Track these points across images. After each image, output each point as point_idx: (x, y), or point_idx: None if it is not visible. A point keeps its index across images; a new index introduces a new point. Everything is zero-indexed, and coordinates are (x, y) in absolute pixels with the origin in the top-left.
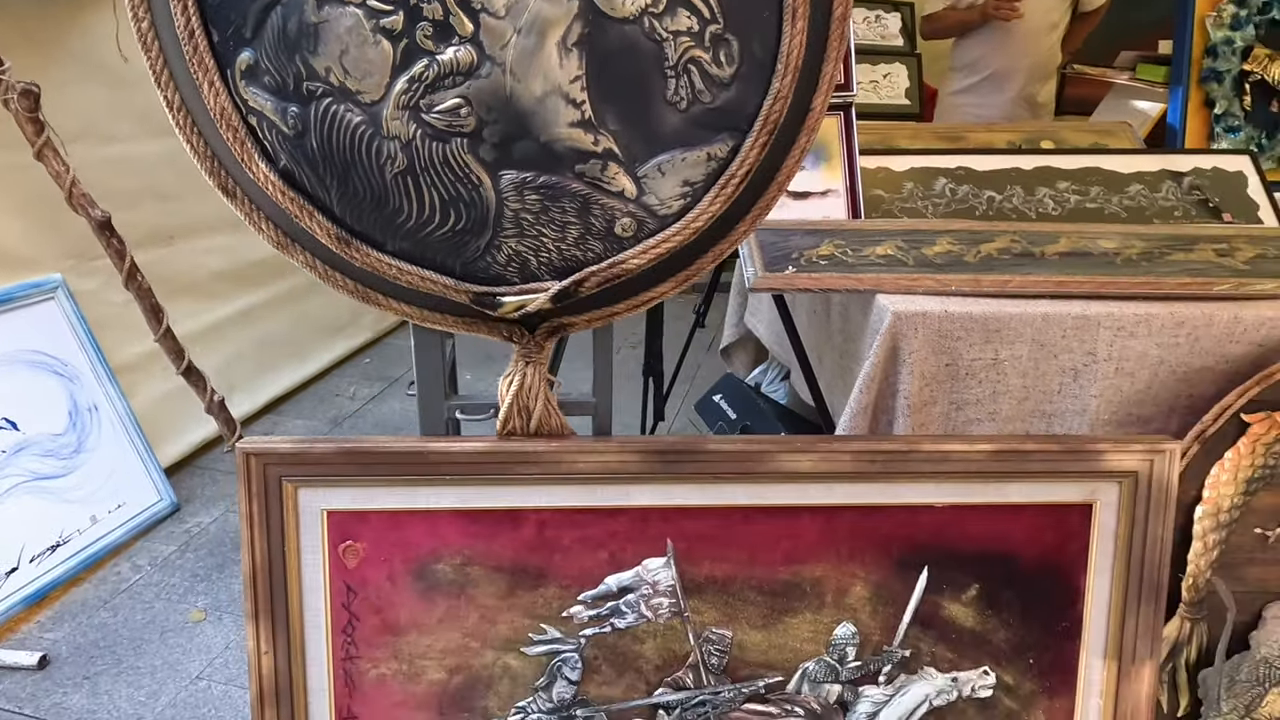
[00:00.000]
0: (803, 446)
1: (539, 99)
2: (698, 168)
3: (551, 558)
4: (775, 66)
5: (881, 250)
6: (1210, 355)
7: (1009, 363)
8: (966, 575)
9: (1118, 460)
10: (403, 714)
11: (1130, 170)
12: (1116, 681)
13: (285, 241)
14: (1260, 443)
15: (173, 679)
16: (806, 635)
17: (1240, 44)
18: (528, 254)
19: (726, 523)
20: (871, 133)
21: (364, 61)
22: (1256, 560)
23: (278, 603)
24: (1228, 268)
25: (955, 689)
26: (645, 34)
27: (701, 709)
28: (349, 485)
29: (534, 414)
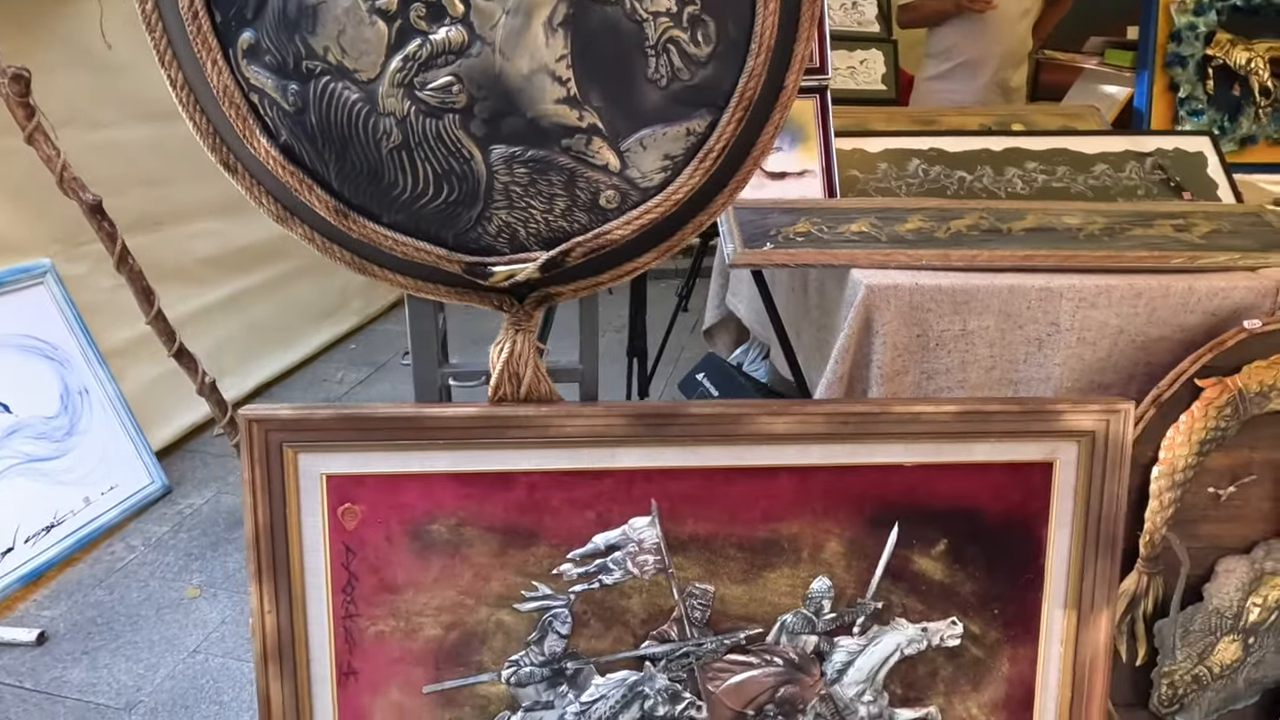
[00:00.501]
0: (779, 409)
1: (526, 76)
2: (678, 142)
3: (541, 518)
4: (750, 46)
5: (856, 227)
6: (1167, 325)
7: (977, 333)
8: (935, 531)
9: (1075, 421)
10: (401, 669)
11: (1095, 151)
12: (1076, 629)
13: (285, 215)
14: (1212, 406)
15: (170, 653)
16: (784, 589)
17: (1203, 29)
18: (517, 225)
19: (708, 483)
20: (848, 116)
21: (360, 41)
22: (1209, 517)
23: (280, 564)
24: (1184, 242)
25: (925, 638)
26: (626, 14)
27: (685, 660)
28: (347, 450)
29: (524, 380)
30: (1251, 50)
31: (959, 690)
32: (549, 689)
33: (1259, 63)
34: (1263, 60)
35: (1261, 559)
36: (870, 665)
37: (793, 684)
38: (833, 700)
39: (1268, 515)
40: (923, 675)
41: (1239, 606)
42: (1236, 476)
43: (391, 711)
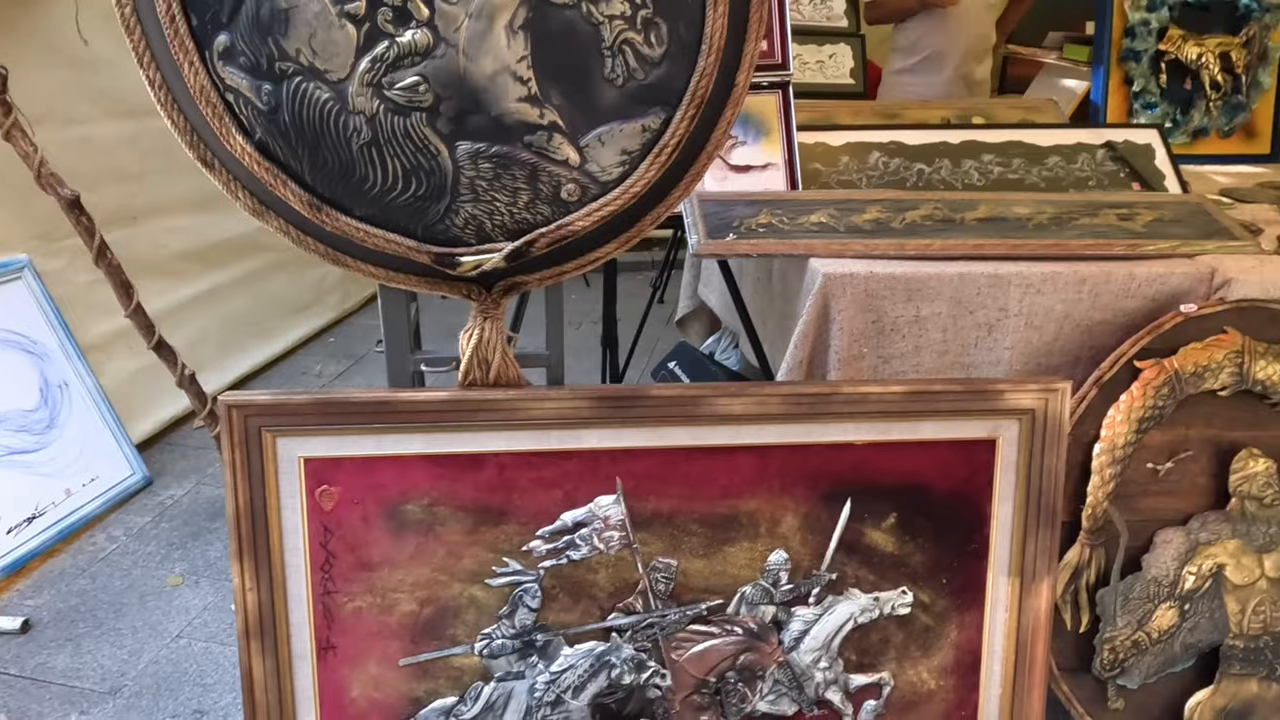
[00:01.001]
0: (736, 391)
1: (490, 77)
2: (634, 138)
3: (511, 497)
4: (700, 47)
5: (815, 218)
6: (1109, 309)
7: (930, 319)
8: (885, 505)
9: (1016, 399)
10: (378, 643)
11: (1049, 144)
12: (1019, 597)
13: (261, 209)
14: (1150, 386)
15: (154, 638)
16: (744, 562)
17: (1156, 25)
18: (483, 217)
19: (670, 462)
20: (814, 110)
21: (330, 43)
22: (1149, 492)
23: (260, 543)
24: (1127, 230)
25: (877, 607)
26: (583, 18)
27: (650, 631)
28: (324, 434)
29: (492, 365)
30: (1202, 45)
31: (910, 656)
32: (520, 660)
33: (1209, 57)
34: (1213, 55)
35: (1197, 530)
36: (825, 633)
37: (752, 652)
38: (790, 667)
39: (1203, 490)
40: (876, 642)
41: (1175, 575)
42: (1174, 453)
43: (369, 684)
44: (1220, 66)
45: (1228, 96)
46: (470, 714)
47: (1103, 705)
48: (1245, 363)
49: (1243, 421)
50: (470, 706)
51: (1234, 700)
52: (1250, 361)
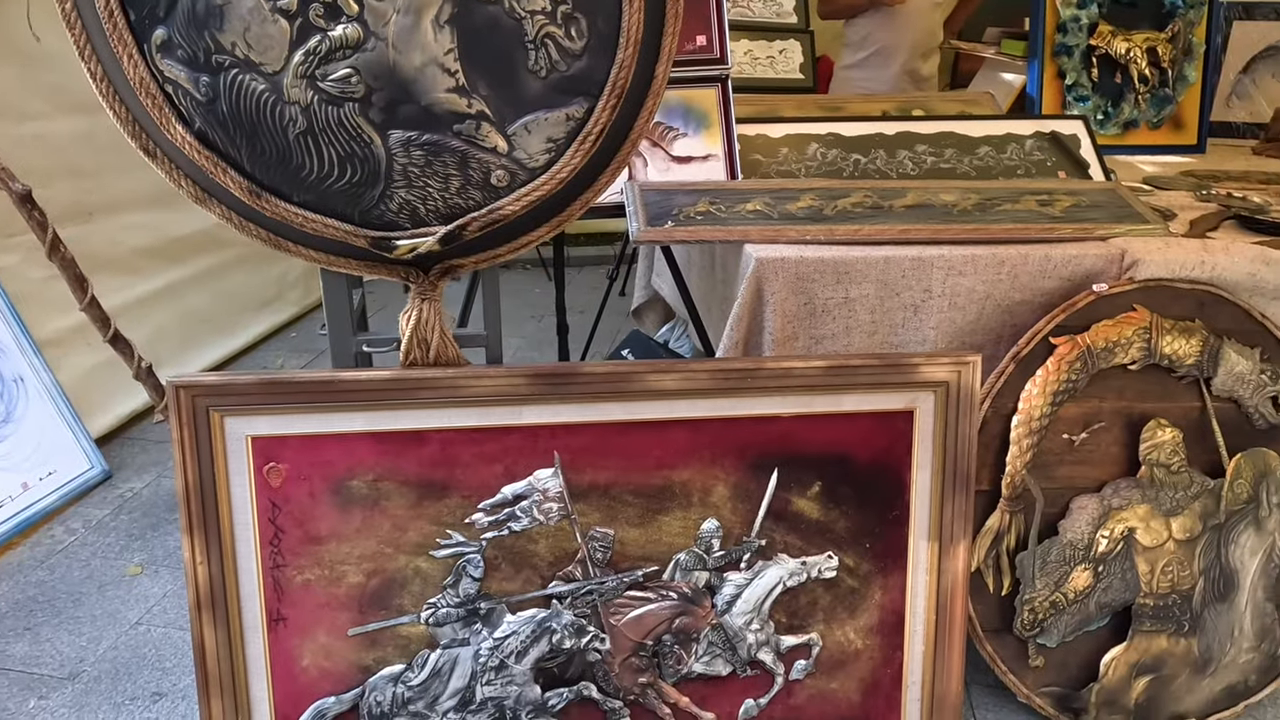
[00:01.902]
0: (666, 367)
1: (419, 69)
2: (559, 126)
3: (453, 472)
4: (619, 40)
5: (751, 206)
6: (1027, 289)
7: (858, 301)
8: (810, 474)
9: (931, 372)
10: (327, 614)
11: (980, 134)
12: (939, 559)
13: (203, 196)
14: (1065, 361)
15: (112, 626)
16: (677, 531)
17: (1086, 21)
18: (416, 202)
19: (605, 436)
20: (760, 104)
21: (265, 37)
22: (1065, 461)
23: (210, 519)
24: (1046, 215)
25: (805, 571)
26: (506, 13)
27: (589, 597)
28: (270, 413)
29: (432, 345)
30: (1130, 41)
31: (837, 617)
32: (465, 627)
33: (1137, 52)
34: (1140, 50)
35: (1110, 496)
36: (756, 596)
37: (687, 615)
38: (723, 629)
39: (1116, 458)
40: (804, 605)
41: (1089, 539)
42: (1088, 424)
43: (320, 653)
44: (1148, 61)
45: (1155, 90)
46: (417, 680)
47: (1024, 663)
48: (1153, 338)
49: (1151, 394)
50: (417, 673)
51: (1145, 655)
52: (1157, 337)
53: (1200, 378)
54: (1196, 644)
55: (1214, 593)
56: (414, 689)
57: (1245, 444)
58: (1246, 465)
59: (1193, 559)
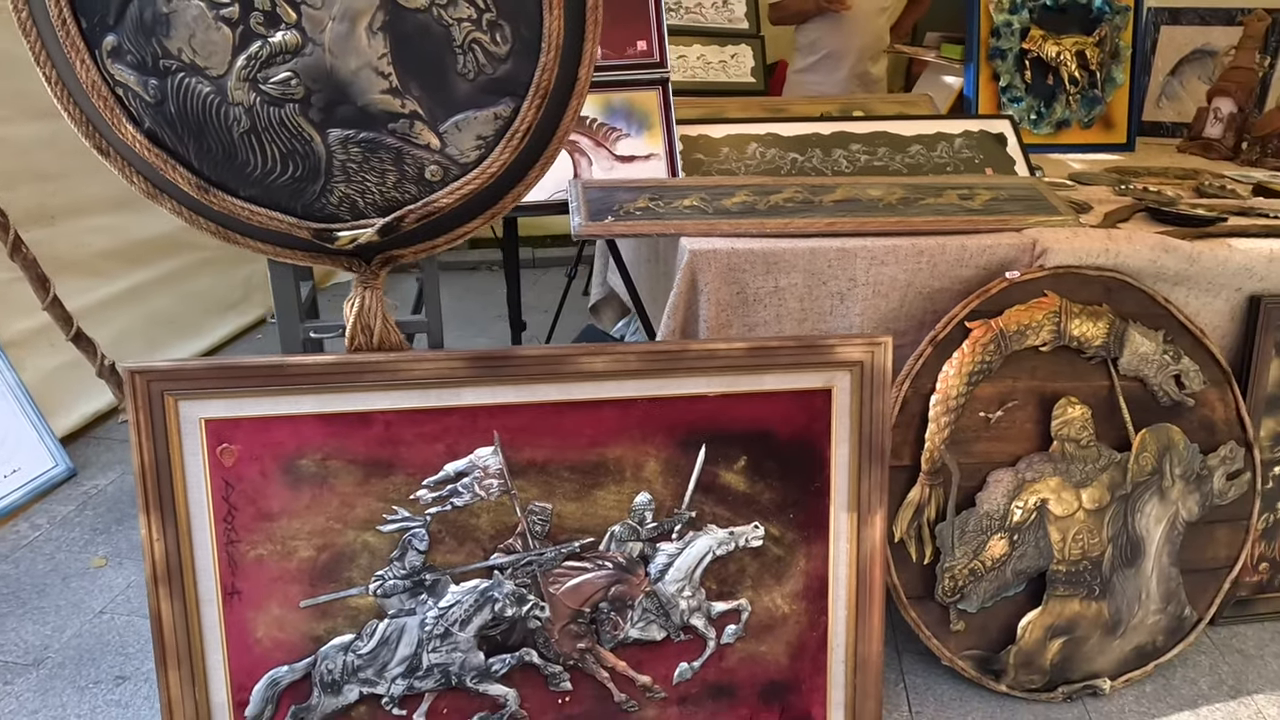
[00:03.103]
0: (597, 350)
1: (354, 72)
2: (488, 125)
3: (398, 451)
4: (541, 45)
5: (688, 202)
6: (946, 278)
7: (788, 290)
8: (736, 450)
9: (846, 353)
10: (279, 587)
11: (912, 134)
12: (858, 528)
13: (155, 192)
14: (979, 344)
15: (76, 615)
16: (612, 504)
17: (1018, 26)
18: (355, 196)
19: (542, 415)
20: (707, 106)
21: (209, 43)
22: (981, 437)
23: (165, 497)
24: (965, 208)
25: (733, 541)
26: (435, 20)
27: (529, 568)
28: (222, 397)
29: (374, 331)
30: (1060, 45)
31: (765, 584)
32: (411, 598)
33: (1067, 55)
34: (1070, 53)
35: (1023, 470)
36: (687, 565)
37: (622, 584)
38: (657, 596)
39: (1029, 434)
40: (733, 572)
41: (1005, 510)
42: (1003, 402)
43: (273, 625)
44: (1077, 64)
45: (1085, 91)
46: (366, 649)
47: (946, 628)
48: (1062, 321)
49: (1062, 373)
50: (366, 642)
51: (1059, 618)
52: (1066, 320)
53: (1108, 358)
54: (1107, 607)
55: (1122, 559)
56: (363, 657)
57: (1150, 420)
58: (1151, 440)
59: (1102, 527)
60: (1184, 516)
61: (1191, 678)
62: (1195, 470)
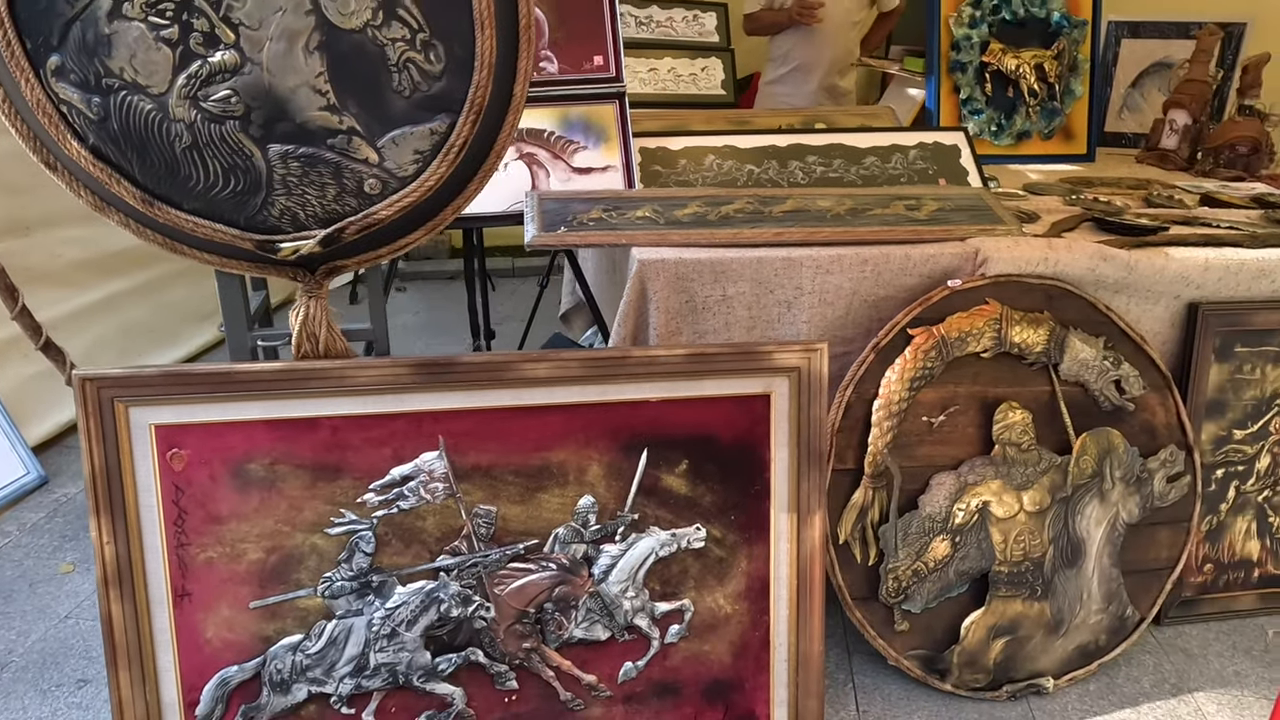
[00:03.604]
0: (538, 357)
1: (292, 90)
2: (424, 140)
3: (345, 455)
4: (474, 64)
5: (641, 213)
6: (890, 286)
7: (735, 298)
8: (678, 453)
9: (783, 359)
10: (229, 589)
11: (867, 145)
12: (798, 529)
13: (101, 205)
14: (921, 350)
15: (42, 619)
16: (556, 507)
17: (978, 40)
18: (296, 209)
19: (486, 420)
20: (670, 118)
21: (150, 63)
22: (925, 441)
23: (115, 502)
24: (911, 219)
25: (675, 542)
26: (370, 40)
27: (474, 569)
28: (172, 403)
29: (320, 339)
30: (1019, 58)
31: (707, 585)
32: (358, 599)
33: (1026, 68)
34: (1029, 66)
35: (965, 473)
36: (630, 566)
37: (566, 585)
38: (601, 597)
39: (971, 438)
40: (676, 573)
41: (947, 512)
42: (945, 407)
43: (223, 626)
44: (1036, 76)
45: (1044, 103)
46: (315, 649)
47: (891, 628)
48: (1003, 328)
49: (1003, 379)
50: (315, 642)
51: (1002, 618)
52: (1007, 327)
53: (1049, 364)
54: (1049, 607)
55: (1063, 559)
56: (312, 657)
57: (1092, 424)
58: (1091, 443)
59: (1043, 529)
60: (1124, 518)
61: (1135, 676)
62: (1135, 473)
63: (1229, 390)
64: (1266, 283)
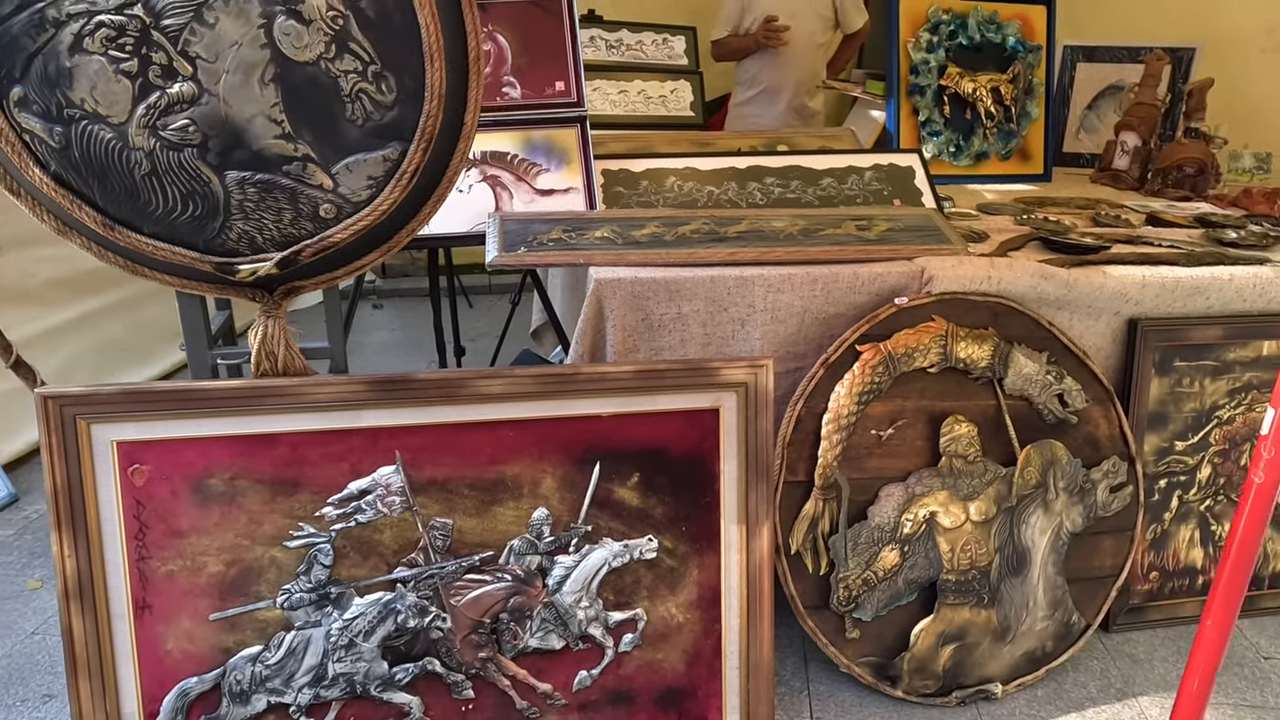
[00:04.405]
0: (492, 374)
1: (249, 119)
2: (377, 166)
3: (303, 470)
4: (425, 94)
5: (600, 234)
6: (841, 304)
7: (690, 316)
8: (630, 466)
9: (731, 375)
10: (189, 601)
11: (824, 167)
12: (747, 540)
13: (64, 229)
14: (869, 366)
15: (9, 635)
16: (511, 519)
17: (935, 64)
18: (254, 232)
19: (441, 435)
20: (635, 140)
21: (110, 94)
22: (874, 454)
23: (77, 516)
24: (861, 238)
25: (628, 553)
26: (324, 73)
27: (431, 581)
28: (133, 420)
29: (279, 357)
30: (976, 81)
31: (660, 594)
32: (317, 610)
33: (983, 91)
34: (985, 89)
35: (913, 485)
36: (584, 577)
37: (521, 595)
38: (555, 607)
39: (919, 451)
40: (629, 583)
41: (895, 522)
42: (893, 420)
43: (183, 638)
44: (992, 99)
45: (1001, 125)
46: (274, 659)
47: (843, 636)
48: (949, 344)
49: (949, 393)
50: (274, 653)
51: (951, 626)
52: (953, 343)
53: (994, 378)
54: (996, 614)
55: (1009, 568)
56: (271, 667)
57: (1036, 436)
58: (1035, 455)
59: (989, 538)
60: (1068, 527)
61: (1082, 681)
62: (1079, 483)
63: (1170, 403)
64: (1201, 300)
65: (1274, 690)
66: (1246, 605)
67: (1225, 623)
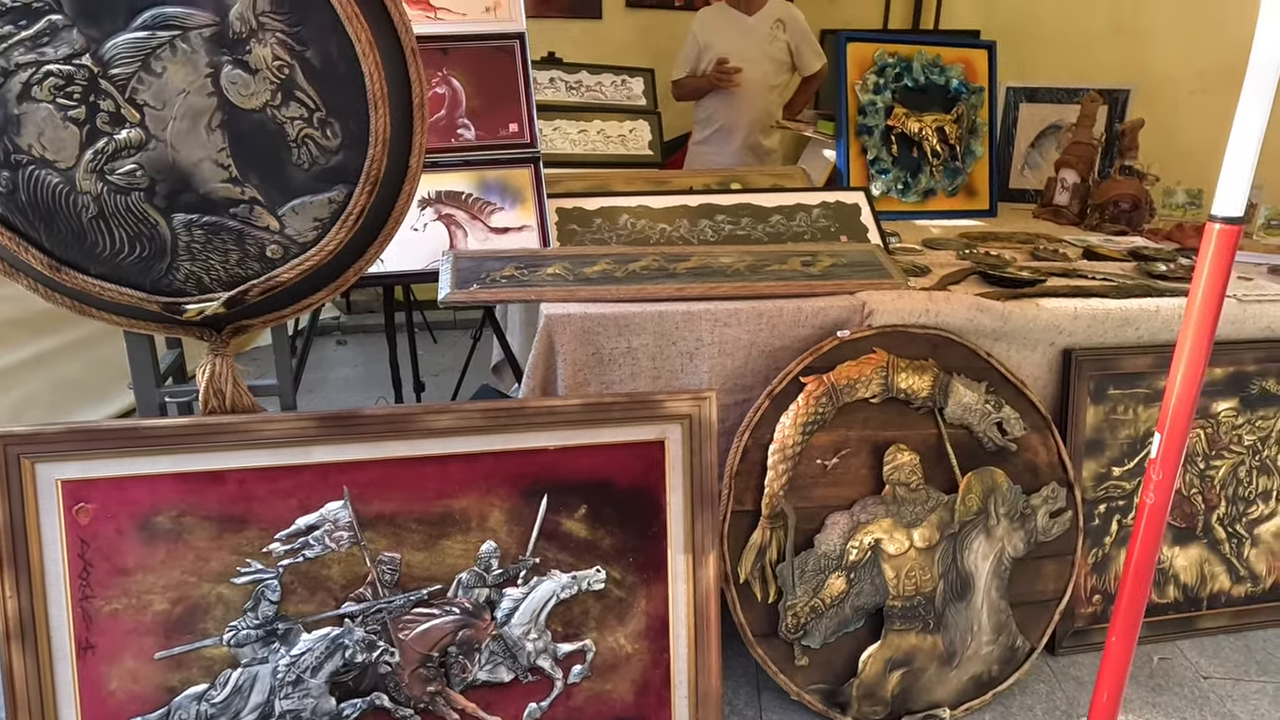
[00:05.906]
0: (439, 409)
1: (196, 164)
2: (323, 208)
3: (251, 506)
4: (369, 139)
5: (551, 270)
6: (786, 337)
7: (640, 350)
8: (577, 499)
9: (675, 407)
10: (134, 640)
11: (773, 205)
12: (694, 569)
13: (11, 270)
14: (813, 397)
15: None
16: (459, 553)
17: (882, 105)
18: (201, 273)
19: (389, 470)
20: (591, 179)
21: (58, 140)
22: (820, 483)
23: (20, 556)
24: (806, 274)
25: (576, 584)
26: (270, 119)
27: (379, 615)
28: (78, 459)
29: (226, 395)
30: (921, 121)
31: (608, 625)
32: (264, 647)
33: (928, 131)
34: (931, 129)
35: (858, 512)
36: (533, 609)
37: (469, 628)
38: (504, 639)
39: (864, 479)
40: (578, 614)
41: (841, 550)
42: (837, 450)
43: (128, 677)
44: (938, 138)
45: (947, 163)
46: (220, 697)
47: (792, 663)
48: (890, 375)
49: (892, 423)
50: (220, 691)
51: (898, 651)
52: (894, 374)
53: (934, 408)
54: (941, 639)
55: (953, 593)
56: (217, 706)
57: (977, 464)
58: (976, 482)
59: (932, 564)
60: (1010, 553)
61: (1029, 705)
62: (1019, 509)
63: (1106, 430)
64: (1131, 330)
65: (1213, 709)
66: (1186, 626)
67: (1128, 637)
